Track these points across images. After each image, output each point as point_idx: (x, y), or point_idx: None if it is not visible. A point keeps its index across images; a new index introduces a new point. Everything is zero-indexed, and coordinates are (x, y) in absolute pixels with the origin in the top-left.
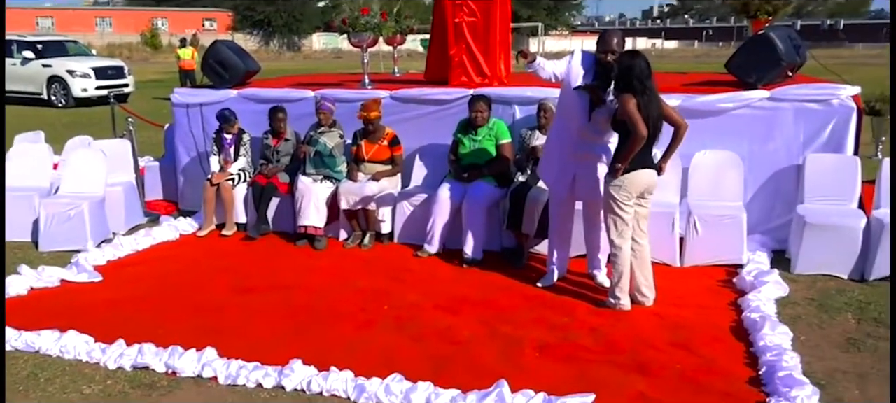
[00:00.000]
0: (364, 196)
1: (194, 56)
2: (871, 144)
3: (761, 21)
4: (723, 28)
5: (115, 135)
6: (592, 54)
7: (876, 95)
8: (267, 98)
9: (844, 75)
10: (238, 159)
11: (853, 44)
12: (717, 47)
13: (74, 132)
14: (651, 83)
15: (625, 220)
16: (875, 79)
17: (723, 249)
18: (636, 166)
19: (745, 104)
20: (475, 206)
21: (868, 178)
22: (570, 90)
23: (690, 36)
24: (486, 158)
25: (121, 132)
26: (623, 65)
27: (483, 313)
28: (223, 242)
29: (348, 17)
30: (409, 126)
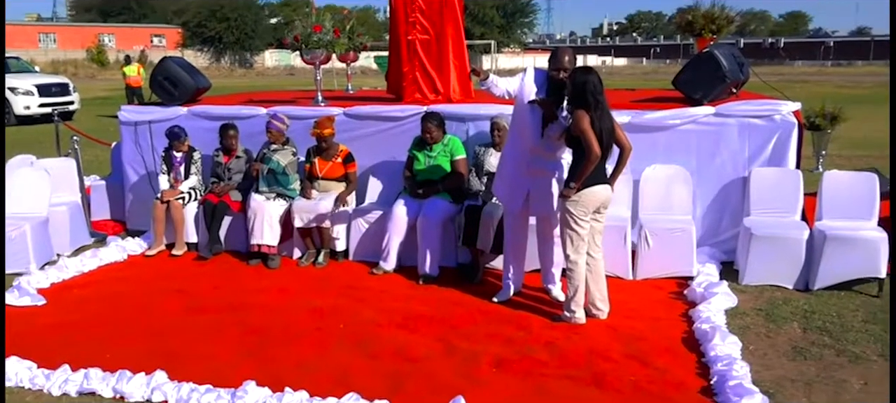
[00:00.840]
0: (318, 213)
1: (140, 72)
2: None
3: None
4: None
5: (60, 154)
6: (544, 71)
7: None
8: (218, 115)
9: (786, 92)
10: (189, 177)
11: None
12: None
13: (17, 151)
14: (603, 98)
15: (581, 235)
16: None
17: (674, 262)
18: (592, 182)
19: (692, 120)
20: (430, 223)
21: (809, 191)
22: (523, 107)
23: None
24: (440, 174)
25: (65, 151)
26: (577, 80)
27: (439, 329)
28: (173, 262)
29: (301, 34)
30: (363, 143)
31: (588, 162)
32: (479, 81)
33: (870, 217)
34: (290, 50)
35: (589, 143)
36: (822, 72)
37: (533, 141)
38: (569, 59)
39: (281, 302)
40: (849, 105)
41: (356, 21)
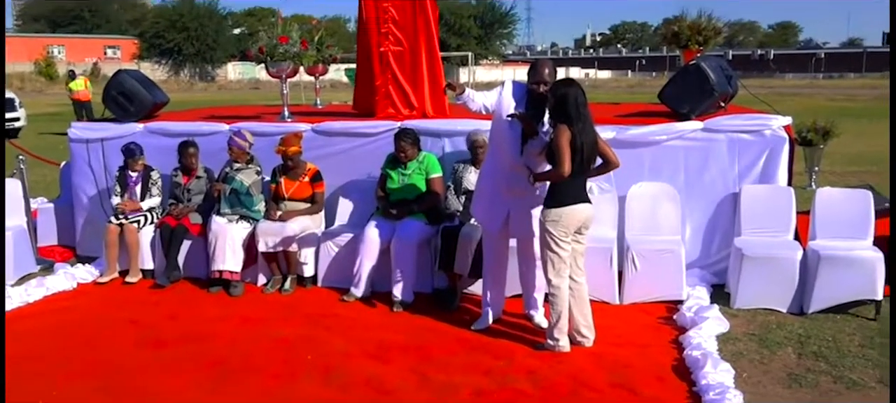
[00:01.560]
0: (284, 237)
1: (88, 86)
2: (805, 174)
3: (693, 51)
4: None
5: (4, 175)
6: (524, 85)
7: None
8: (176, 132)
9: (776, 105)
10: (148, 198)
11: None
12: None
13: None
14: (586, 112)
15: (562, 257)
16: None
17: (662, 285)
18: (571, 200)
19: (679, 135)
20: (405, 245)
21: (802, 209)
22: (502, 122)
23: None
24: (415, 194)
25: (10, 171)
26: (559, 93)
27: (414, 360)
28: (127, 291)
29: (266, 45)
30: (332, 161)
31: (553, 175)
32: (454, 96)
33: (865, 236)
34: (254, 62)
35: (560, 160)
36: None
37: (512, 158)
38: (549, 71)
39: (244, 332)
40: (841, 119)
41: (325, 32)
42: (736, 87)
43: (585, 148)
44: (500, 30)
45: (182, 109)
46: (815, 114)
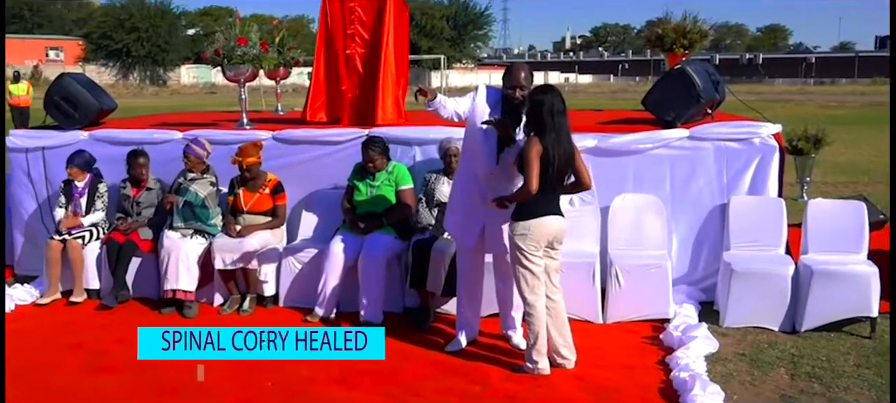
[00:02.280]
0: (243, 253)
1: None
2: (796, 185)
3: (677, 55)
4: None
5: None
6: (498, 90)
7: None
8: (125, 140)
9: (765, 112)
10: (92, 212)
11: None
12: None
13: None
14: (563, 120)
15: (535, 274)
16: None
17: (647, 302)
18: (541, 212)
19: (665, 143)
20: (373, 262)
21: (794, 222)
22: (476, 130)
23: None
24: (384, 206)
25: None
26: (535, 100)
27: (384, 385)
28: (71, 312)
29: (223, 47)
30: (295, 171)
31: (520, 193)
32: (426, 102)
33: (859, 249)
34: (210, 65)
35: (528, 176)
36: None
37: (487, 167)
38: (525, 75)
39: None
40: (833, 126)
41: (287, 32)
42: (723, 93)
43: (559, 161)
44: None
45: (131, 116)
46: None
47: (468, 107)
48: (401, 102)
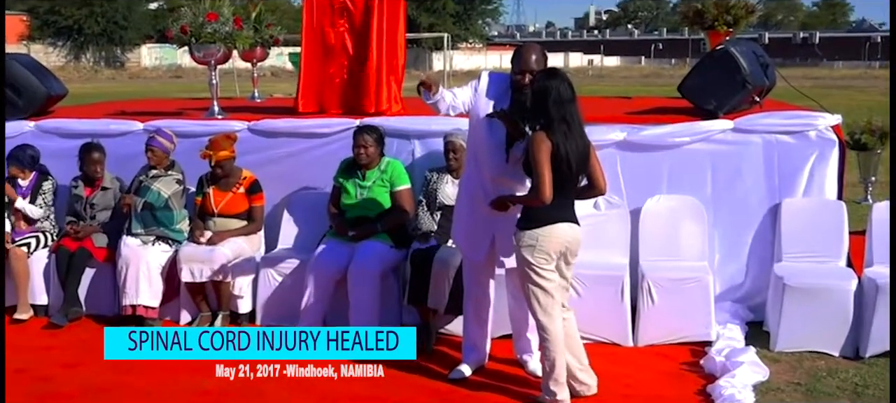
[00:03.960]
0: (213, 263)
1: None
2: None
3: (720, 34)
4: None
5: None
6: (506, 76)
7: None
8: (77, 132)
9: (822, 101)
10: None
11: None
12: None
13: None
14: (573, 110)
15: (548, 291)
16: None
17: (685, 322)
18: (552, 218)
19: (705, 136)
20: (364, 274)
21: (856, 229)
22: (480, 124)
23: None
24: (377, 210)
25: None
26: (537, 88)
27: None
28: (15, 332)
29: (190, 23)
30: (274, 168)
31: (529, 199)
32: (430, 97)
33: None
34: (175, 44)
35: (539, 182)
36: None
37: (495, 168)
38: (537, 58)
39: (162, 382)
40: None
41: (264, 7)
42: (773, 78)
43: (571, 157)
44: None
45: (84, 104)
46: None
47: (469, 97)
48: (397, 88)
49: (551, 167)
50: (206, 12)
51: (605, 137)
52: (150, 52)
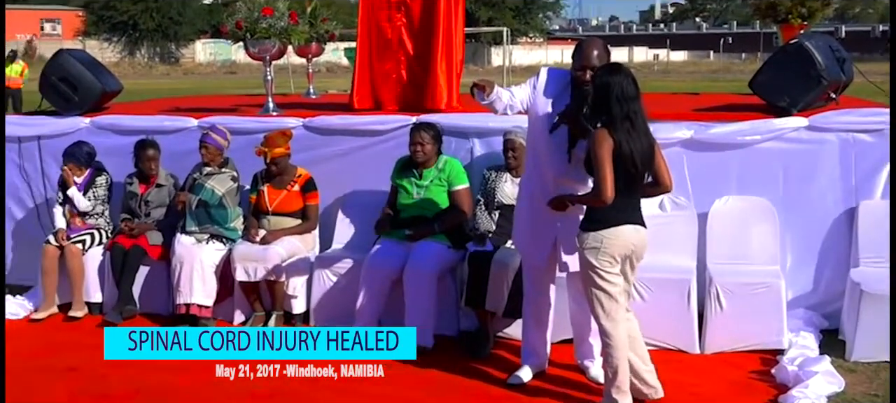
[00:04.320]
0: (267, 262)
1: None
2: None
3: (794, 27)
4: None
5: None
6: (565, 72)
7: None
8: (132, 128)
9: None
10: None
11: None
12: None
13: None
14: (637, 107)
15: (612, 295)
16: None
17: (756, 329)
18: (617, 220)
19: (777, 135)
20: (421, 275)
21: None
22: (539, 124)
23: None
24: (435, 210)
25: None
26: (600, 83)
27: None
28: (69, 330)
29: (245, 18)
30: (329, 166)
31: (590, 198)
32: (484, 98)
33: None
34: (230, 40)
35: (600, 182)
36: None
37: (557, 168)
38: (598, 53)
39: (215, 384)
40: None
41: (319, 2)
42: (850, 74)
43: (636, 156)
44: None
45: (138, 100)
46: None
47: (528, 95)
48: (455, 84)
49: (614, 166)
50: (261, 7)
51: (670, 135)
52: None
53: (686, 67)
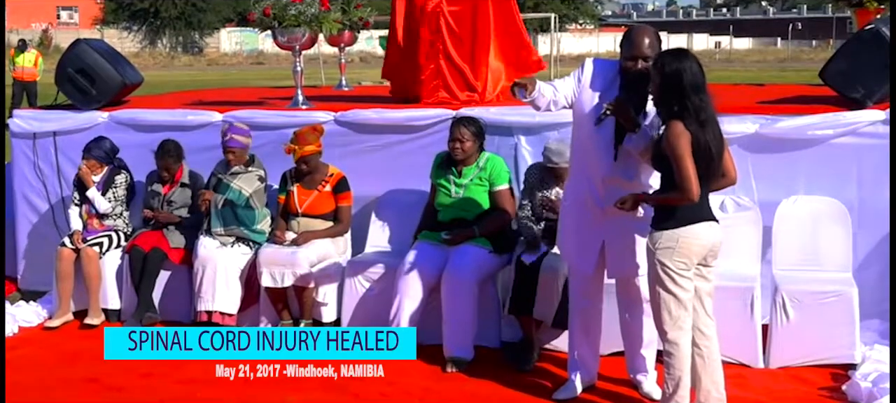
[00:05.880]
0: (296, 267)
1: (39, 63)
2: None
3: (870, 11)
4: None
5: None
6: (612, 63)
7: None
8: (152, 123)
9: None
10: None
11: None
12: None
13: None
14: (707, 96)
15: (682, 301)
16: None
17: (826, 342)
18: (692, 218)
19: (851, 130)
20: (461, 282)
21: None
22: (585, 119)
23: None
24: (476, 211)
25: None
26: (668, 70)
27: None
28: (86, 338)
29: (273, 5)
30: (363, 164)
31: (677, 199)
32: (525, 95)
33: None
34: (257, 28)
35: (684, 180)
36: None
37: (604, 166)
38: (650, 42)
39: (240, 397)
40: None
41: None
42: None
43: (713, 148)
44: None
45: (160, 93)
46: None
47: (572, 89)
48: (501, 75)
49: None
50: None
51: (734, 130)
52: (230, 37)
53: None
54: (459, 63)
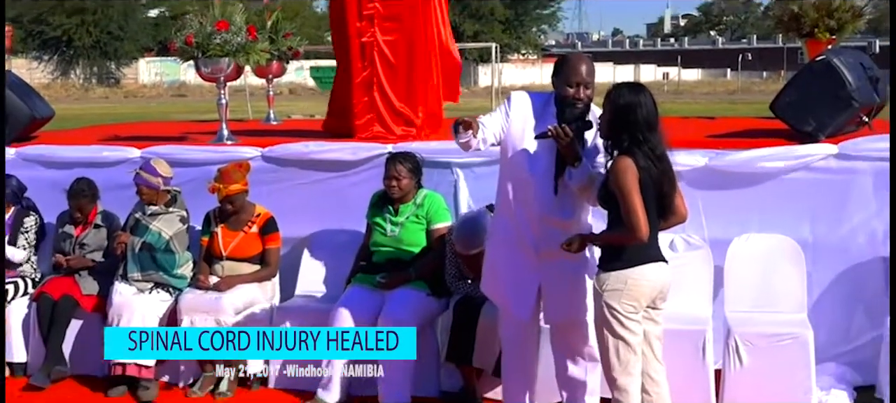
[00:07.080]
0: (220, 313)
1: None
2: None
3: (820, 42)
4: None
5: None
6: (542, 94)
7: None
8: (64, 160)
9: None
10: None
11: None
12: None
13: None
14: (659, 136)
15: (631, 344)
16: None
17: (781, 387)
18: (640, 258)
19: (803, 164)
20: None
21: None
22: (519, 156)
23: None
24: (411, 251)
25: None
26: (620, 102)
27: None
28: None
29: (196, 33)
30: (292, 202)
31: (624, 237)
32: (462, 136)
33: None
34: (179, 58)
35: (632, 217)
36: None
37: (539, 205)
38: (588, 69)
39: None
40: None
41: (282, 15)
42: (884, 95)
43: (665, 184)
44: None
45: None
46: None
47: (501, 124)
48: (439, 109)
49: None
50: (214, 21)
51: (683, 162)
52: (149, 67)
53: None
54: (394, 97)
